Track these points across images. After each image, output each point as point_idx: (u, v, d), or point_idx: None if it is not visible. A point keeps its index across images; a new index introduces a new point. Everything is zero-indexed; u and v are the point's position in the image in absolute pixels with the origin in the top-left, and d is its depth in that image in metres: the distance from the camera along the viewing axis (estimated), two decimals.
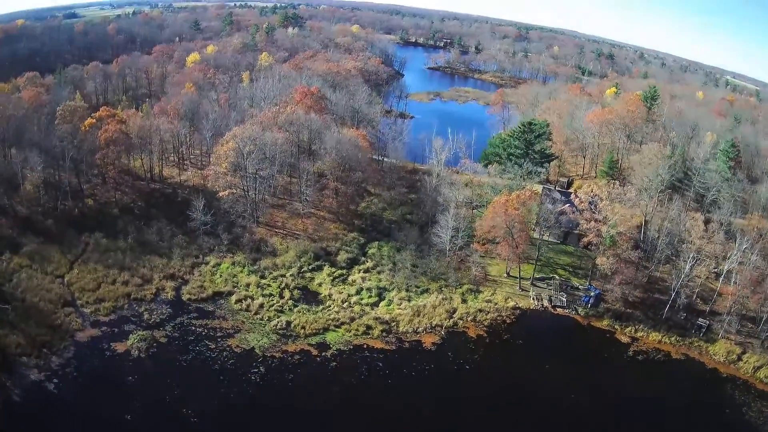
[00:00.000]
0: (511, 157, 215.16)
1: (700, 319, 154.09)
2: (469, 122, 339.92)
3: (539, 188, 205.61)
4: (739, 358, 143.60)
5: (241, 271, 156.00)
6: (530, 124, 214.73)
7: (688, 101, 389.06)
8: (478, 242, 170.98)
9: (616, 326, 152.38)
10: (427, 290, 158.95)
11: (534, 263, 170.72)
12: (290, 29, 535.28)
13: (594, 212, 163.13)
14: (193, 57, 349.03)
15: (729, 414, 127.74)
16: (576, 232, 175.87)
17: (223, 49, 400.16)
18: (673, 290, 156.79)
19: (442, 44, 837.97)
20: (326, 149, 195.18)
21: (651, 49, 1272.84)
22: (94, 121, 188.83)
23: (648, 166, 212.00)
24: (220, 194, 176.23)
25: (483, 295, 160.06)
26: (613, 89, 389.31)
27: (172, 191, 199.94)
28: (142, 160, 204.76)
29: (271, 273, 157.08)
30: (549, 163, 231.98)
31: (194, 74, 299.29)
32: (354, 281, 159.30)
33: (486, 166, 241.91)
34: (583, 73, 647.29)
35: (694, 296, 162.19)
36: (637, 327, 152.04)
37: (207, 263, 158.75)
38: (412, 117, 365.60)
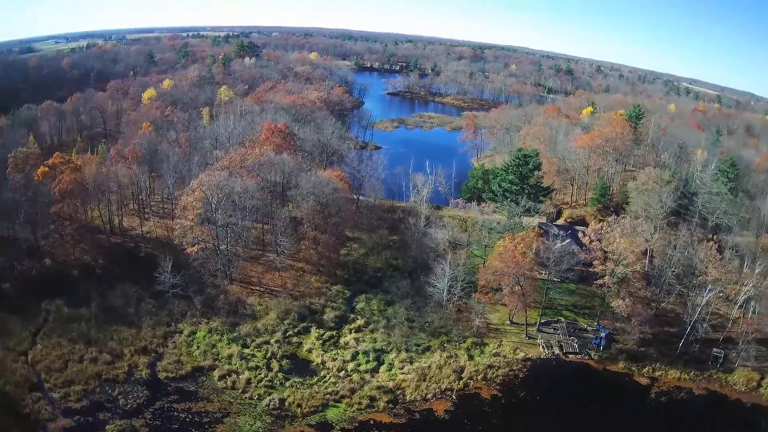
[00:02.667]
0: (506, 193, 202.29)
1: (715, 350, 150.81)
2: (439, 151, 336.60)
3: (534, 223, 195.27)
4: (759, 385, 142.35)
5: (220, 340, 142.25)
6: (525, 156, 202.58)
7: (661, 115, 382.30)
8: (482, 292, 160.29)
9: (633, 368, 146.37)
10: (428, 348, 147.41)
11: (540, 308, 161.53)
12: (247, 59, 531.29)
13: (606, 251, 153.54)
14: (149, 93, 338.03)
15: None
16: (577, 268, 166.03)
17: (180, 82, 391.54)
18: (689, 324, 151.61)
19: (398, 68, 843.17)
20: (302, 194, 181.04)
21: (605, 61, 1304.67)
22: (48, 169, 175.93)
23: (646, 192, 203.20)
24: (189, 250, 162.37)
25: (489, 348, 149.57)
26: (590, 108, 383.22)
27: (134, 245, 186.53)
28: (100, 210, 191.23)
29: (253, 340, 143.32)
30: (546, 197, 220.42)
31: (151, 112, 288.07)
32: (347, 343, 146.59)
33: (469, 200, 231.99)
34: (548, 92, 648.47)
35: (705, 325, 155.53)
36: (653, 366, 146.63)
37: (181, 332, 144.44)
38: (378, 147, 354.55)
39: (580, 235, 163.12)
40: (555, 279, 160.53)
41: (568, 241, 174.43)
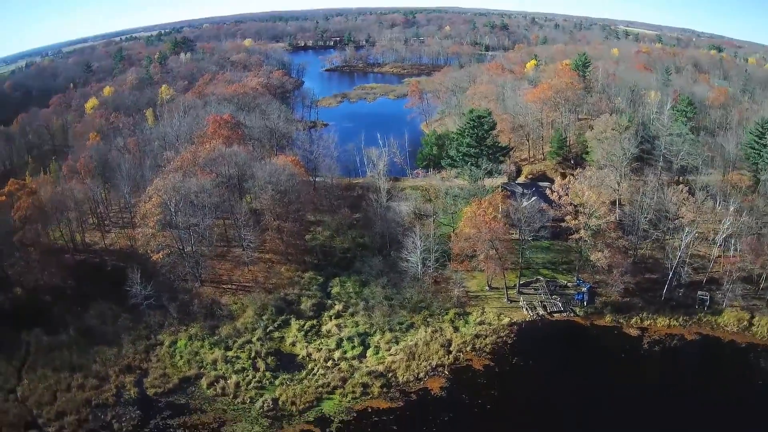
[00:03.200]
0: (465, 158, 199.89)
1: (700, 293, 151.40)
2: (387, 120, 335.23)
3: (497, 185, 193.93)
4: (750, 324, 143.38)
5: (202, 346, 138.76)
6: (479, 117, 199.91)
7: (606, 61, 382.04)
8: (457, 261, 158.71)
9: (621, 320, 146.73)
10: (412, 325, 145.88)
11: (517, 270, 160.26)
12: (183, 55, 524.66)
13: (575, 205, 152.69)
14: (92, 102, 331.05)
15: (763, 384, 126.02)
16: (549, 225, 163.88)
17: (120, 88, 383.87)
18: (671, 269, 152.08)
19: (332, 43, 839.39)
20: (259, 184, 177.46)
21: (538, 12, 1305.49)
22: (4, 198, 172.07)
23: (606, 141, 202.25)
24: (154, 257, 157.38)
25: (473, 317, 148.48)
26: (533, 62, 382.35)
27: (100, 260, 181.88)
28: (61, 230, 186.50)
29: (235, 341, 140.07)
30: (505, 156, 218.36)
31: (96, 121, 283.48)
32: (329, 331, 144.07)
33: (426, 167, 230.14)
34: (485, 49, 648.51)
35: (687, 268, 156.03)
36: (641, 316, 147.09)
37: (161, 343, 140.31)
38: (325, 125, 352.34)
39: (548, 192, 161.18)
40: (528, 238, 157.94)
41: (534, 198, 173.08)
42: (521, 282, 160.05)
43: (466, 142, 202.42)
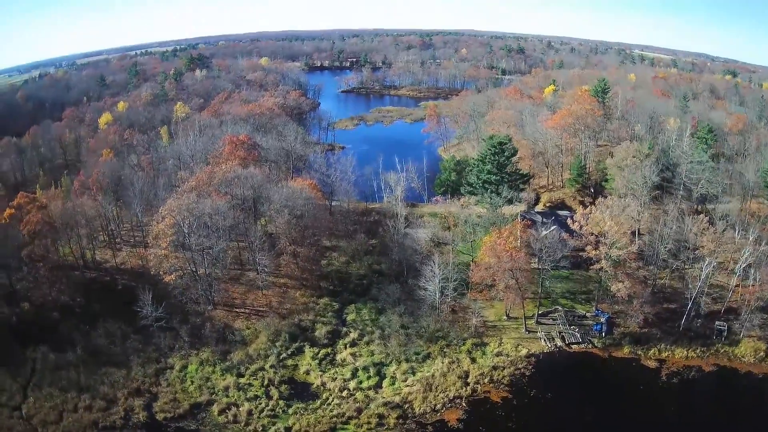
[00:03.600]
0: (485, 185, 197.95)
1: (717, 323, 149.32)
2: (403, 145, 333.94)
3: (515, 213, 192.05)
4: (767, 355, 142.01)
5: (213, 371, 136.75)
6: (500, 143, 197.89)
7: (623, 86, 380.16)
8: (476, 290, 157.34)
9: (639, 352, 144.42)
10: (428, 355, 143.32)
11: (536, 299, 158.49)
12: (198, 72, 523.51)
13: (598, 237, 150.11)
14: (106, 118, 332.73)
15: None
16: (568, 254, 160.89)
17: (134, 103, 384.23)
18: (690, 300, 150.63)
19: (348, 64, 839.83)
20: (275, 208, 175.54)
21: (554, 36, 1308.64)
22: (14, 211, 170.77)
23: (627, 168, 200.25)
24: (167, 279, 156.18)
25: (490, 348, 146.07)
26: (552, 87, 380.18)
27: (110, 279, 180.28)
28: (70, 246, 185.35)
29: (247, 367, 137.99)
30: (525, 184, 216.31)
31: (109, 137, 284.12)
32: (344, 360, 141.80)
33: (444, 194, 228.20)
34: (502, 73, 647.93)
35: (706, 298, 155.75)
36: (659, 347, 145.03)
37: (172, 367, 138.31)
38: (342, 147, 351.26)
39: (568, 221, 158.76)
40: (548, 268, 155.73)
41: (554, 228, 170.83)
42: (540, 312, 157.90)
43: (487, 169, 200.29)
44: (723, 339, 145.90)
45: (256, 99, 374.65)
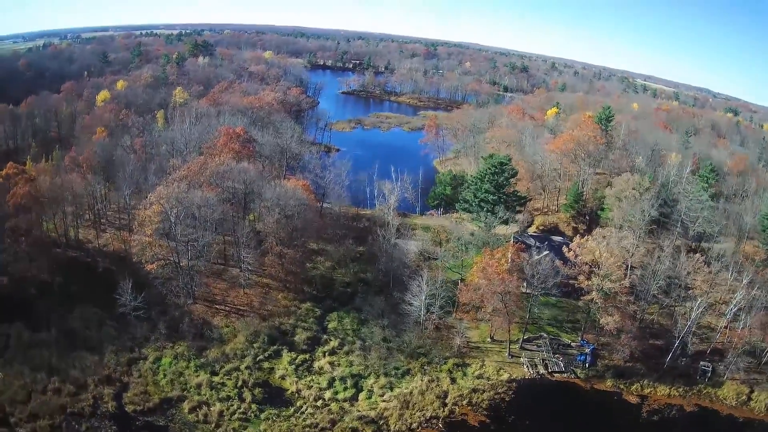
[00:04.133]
0: (482, 204, 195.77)
1: (702, 363, 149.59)
2: (399, 152, 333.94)
3: (508, 234, 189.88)
4: (749, 398, 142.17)
5: (187, 367, 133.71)
6: (501, 164, 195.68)
7: (625, 115, 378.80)
8: (463, 310, 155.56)
9: (621, 386, 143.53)
10: (408, 371, 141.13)
11: (522, 324, 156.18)
12: (201, 58, 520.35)
13: (592, 267, 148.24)
14: (103, 95, 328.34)
15: None
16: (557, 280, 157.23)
17: (134, 83, 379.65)
18: (677, 338, 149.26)
19: (351, 66, 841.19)
20: (266, 206, 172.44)
21: (558, 58, 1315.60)
22: (1, 180, 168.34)
23: (626, 200, 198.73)
24: (148, 267, 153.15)
25: (472, 369, 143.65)
26: (555, 109, 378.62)
27: (91, 260, 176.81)
28: (54, 222, 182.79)
29: (222, 366, 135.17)
30: (522, 206, 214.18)
31: (105, 116, 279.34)
32: (321, 368, 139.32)
33: (437, 207, 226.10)
34: (504, 90, 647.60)
35: (693, 338, 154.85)
36: (642, 383, 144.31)
37: (145, 358, 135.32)
38: (337, 150, 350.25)
39: (564, 249, 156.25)
40: (537, 294, 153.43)
41: (546, 253, 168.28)
42: (525, 337, 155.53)
43: (485, 188, 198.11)
44: (706, 380, 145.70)
45: (256, 92, 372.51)
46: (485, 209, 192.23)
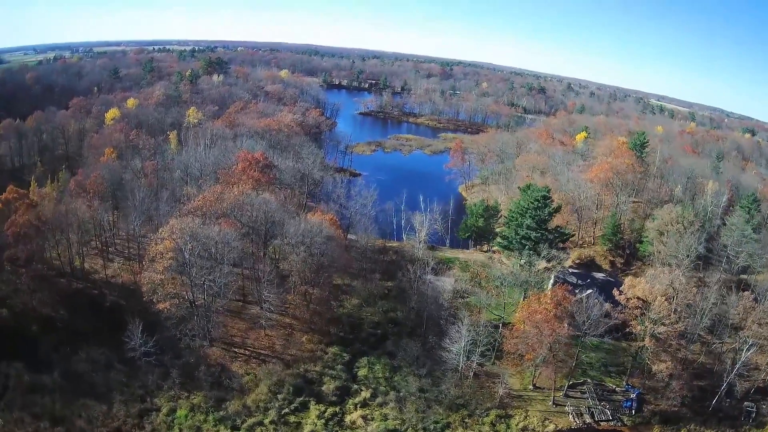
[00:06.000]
0: (523, 241, 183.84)
1: (746, 404, 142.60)
2: (423, 177, 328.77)
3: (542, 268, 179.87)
4: None
5: (205, 421, 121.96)
6: (544, 198, 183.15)
7: (652, 139, 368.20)
8: (510, 361, 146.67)
9: None
10: (448, 425, 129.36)
11: (568, 370, 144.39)
12: (215, 76, 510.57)
13: (644, 310, 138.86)
14: (113, 113, 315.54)
15: None
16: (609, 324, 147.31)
17: (145, 101, 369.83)
18: (725, 380, 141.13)
19: (367, 86, 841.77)
20: (290, 242, 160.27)
21: (572, 78, 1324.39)
22: (1, 206, 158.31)
23: (672, 236, 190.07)
24: (160, 306, 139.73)
25: (515, 421, 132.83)
26: (584, 134, 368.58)
27: (98, 293, 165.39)
28: (59, 251, 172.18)
29: (244, 420, 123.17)
30: (564, 243, 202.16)
31: (115, 135, 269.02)
32: (353, 423, 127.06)
33: (468, 239, 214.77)
34: (524, 112, 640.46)
35: (739, 380, 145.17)
36: (689, 428, 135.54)
37: (158, 409, 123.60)
38: (359, 174, 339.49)
39: (615, 292, 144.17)
40: (586, 341, 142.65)
41: (589, 292, 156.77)
42: (569, 383, 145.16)
43: (527, 224, 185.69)
44: (751, 421, 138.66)
45: (274, 113, 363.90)
46: (527, 247, 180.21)
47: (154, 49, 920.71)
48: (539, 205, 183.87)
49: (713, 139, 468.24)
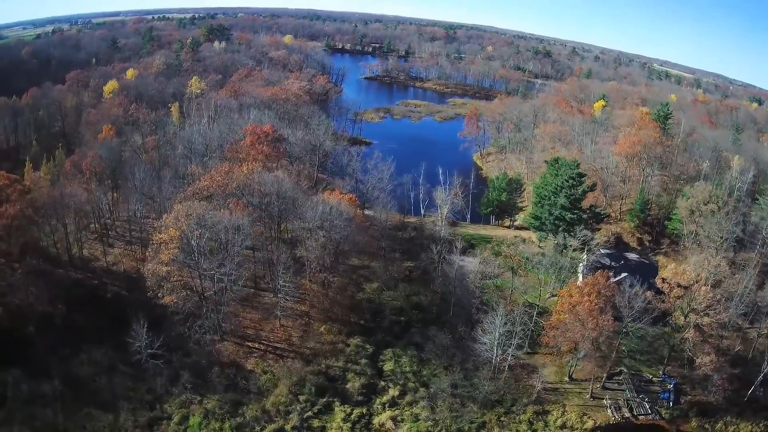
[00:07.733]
0: (557, 221, 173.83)
1: None
2: (435, 146, 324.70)
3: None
4: None
5: (221, 429, 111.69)
6: (579, 175, 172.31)
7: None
8: (549, 353, 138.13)
9: (706, 425, 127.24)
10: (483, 424, 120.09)
11: (605, 361, 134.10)
12: (217, 43, 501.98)
13: (686, 299, 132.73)
14: (111, 85, 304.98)
15: None
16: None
17: (145, 72, 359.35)
18: (762, 370, 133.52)
19: (370, 50, 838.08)
20: (306, 227, 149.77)
21: (574, 41, 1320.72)
22: None
23: (705, 217, 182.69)
24: (166, 300, 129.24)
25: (553, 418, 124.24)
26: (602, 102, 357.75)
27: (98, 283, 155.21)
28: (54, 239, 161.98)
29: (264, 427, 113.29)
30: (599, 223, 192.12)
31: (113, 110, 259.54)
32: (383, 425, 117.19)
33: (488, 214, 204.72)
34: (536, 77, 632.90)
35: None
36: (726, 420, 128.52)
37: (169, 418, 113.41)
38: (369, 143, 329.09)
39: (658, 281, 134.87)
40: (628, 332, 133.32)
41: (624, 275, 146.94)
42: (606, 375, 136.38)
43: (560, 203, 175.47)
44: None
45: (279, 80, 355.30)
46: (561, 228, 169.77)
47: (153, 17, 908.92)
48: (573, 183, 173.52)
49: (726, 109, 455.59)
